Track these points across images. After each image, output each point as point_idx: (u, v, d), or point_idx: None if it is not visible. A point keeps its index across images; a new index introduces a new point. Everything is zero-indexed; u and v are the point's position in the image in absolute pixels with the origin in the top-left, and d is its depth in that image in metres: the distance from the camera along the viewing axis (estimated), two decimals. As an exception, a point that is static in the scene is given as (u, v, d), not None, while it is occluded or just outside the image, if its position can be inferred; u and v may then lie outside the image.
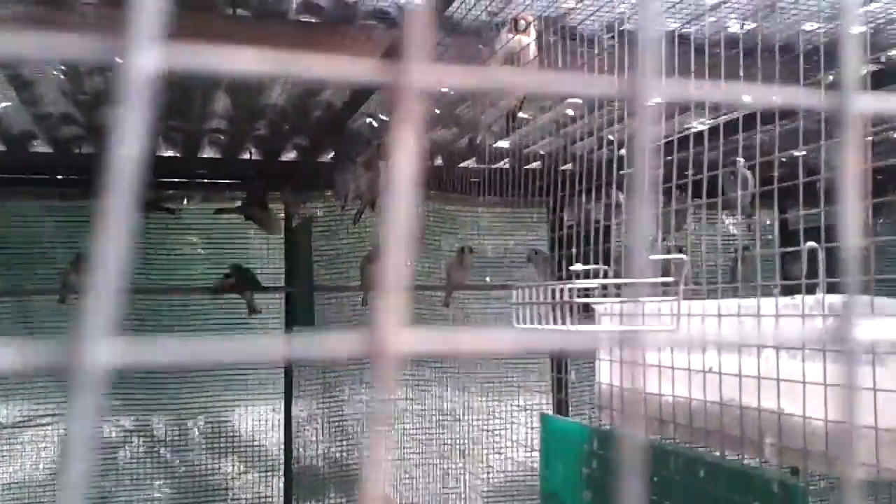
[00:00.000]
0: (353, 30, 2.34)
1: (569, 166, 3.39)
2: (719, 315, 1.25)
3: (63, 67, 2.70)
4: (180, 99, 3.02)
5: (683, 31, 2.51)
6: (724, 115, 3.34)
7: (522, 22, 1.80)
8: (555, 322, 1.24)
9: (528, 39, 1.82)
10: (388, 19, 2.32)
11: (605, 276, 1.48)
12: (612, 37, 2.43)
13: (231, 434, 4.29)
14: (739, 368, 1.17)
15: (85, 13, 2.23)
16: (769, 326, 1.20)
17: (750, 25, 2.58)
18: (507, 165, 3.60)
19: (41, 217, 3.91)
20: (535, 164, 3.80)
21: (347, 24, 2.34)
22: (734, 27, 2.64)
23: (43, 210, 3.91)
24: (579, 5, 2.23)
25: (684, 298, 1.22)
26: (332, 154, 3.58)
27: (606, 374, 1.54)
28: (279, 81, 2.89)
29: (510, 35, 1.78)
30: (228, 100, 3.09)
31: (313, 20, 2.34)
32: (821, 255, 1.21)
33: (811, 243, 1.19)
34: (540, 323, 1.28)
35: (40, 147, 3.66)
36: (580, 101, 3.06)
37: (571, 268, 1.37)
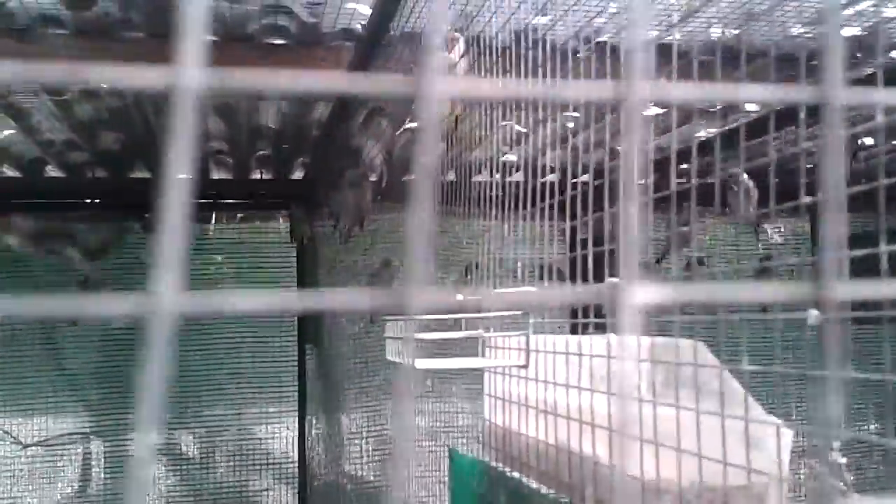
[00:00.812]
0: (320, 50, 2.34)
1: (583, 178, 3.33)
2: (555, 352, 1.17)
3: (53, 96, 2.74)
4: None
5: (666, 39, 2.44)
6: (720, 125, 3.26)
7: (450, 41, 1.76)
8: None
9: (455, 57, 1.78)
10: (354, 37, 2.30)
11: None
12: (589, 48, 2.38)
13: (250, 451, 4.31)
14: (567, 410, 1.09)
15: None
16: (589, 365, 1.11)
17: (732, 31, 2.51)
18: (520, 178, 3.55)
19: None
20: (551, 177, 3.74)
21: (313, 44, 2.34)
22: (716, 33, 2.55)
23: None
24: (545, 18, 2.18)
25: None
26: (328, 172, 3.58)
27: (488, 410, 1.47)
28: (268, 101, 2.90)
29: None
30: (221, 122, 3.10)
31: (279, 42, 2.34)
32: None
33: (612, 279, 1.11)
34: (401, 357, 1.23)
35: (54, 172, 3.74)
36: (578, 113, 3.01)
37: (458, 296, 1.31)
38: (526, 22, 2.29)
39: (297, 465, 4.11)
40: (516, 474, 1.22)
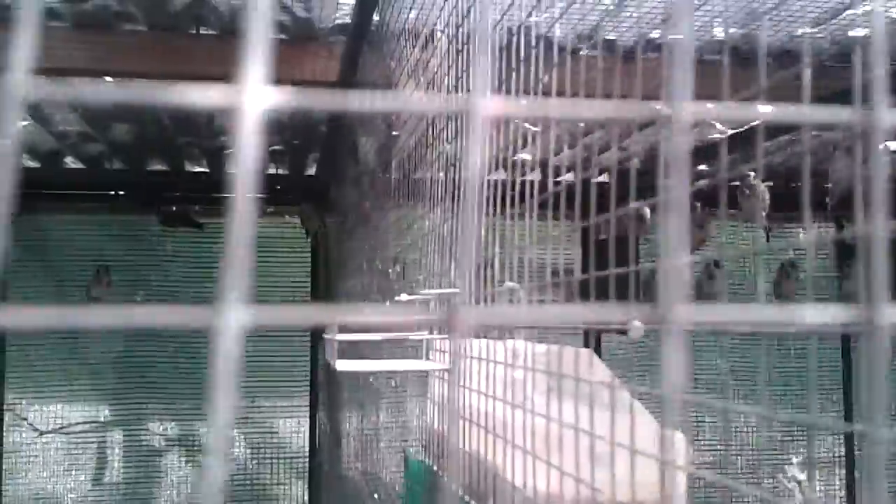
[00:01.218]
0: (315, 45, 2.34)
1: (602, 178, 3.30)
2: (469, 357, 1.12)
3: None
4: (184, 116, 3.07)
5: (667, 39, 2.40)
6: (742, 126, 3.18)
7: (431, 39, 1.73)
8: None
9: (438, 57, 1.75)
10: (348, 31, 2.30)
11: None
12: (594, 45, 2.35)
13: (264, 443, 4.34)
14: (478, 417, 1.04)
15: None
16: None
17: (734, 30, 2.45)
18: (536, 177, 3.53)
19: (73, 231, 4.04)
20: (567, 176, 3.71)
21: (309, 38, 2.34)
22: (719, 33, 2.51)
23: (74, 224, 4.04)
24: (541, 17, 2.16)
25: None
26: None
27: (430, 414, 1.44)
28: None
29: (413, 49, 1.72)
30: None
31: (276, 36, 2.34)
32: (521, 294, 1.07)
33: (514, 286, 1.06)
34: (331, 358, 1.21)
35: (72, 164, 3.79)
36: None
37: (397, 298, 1.29)
38: (524, 19, 2.27)
39: (307, 458, 4.13)
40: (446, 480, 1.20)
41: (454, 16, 1.53)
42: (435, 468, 1.28)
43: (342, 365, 1.19)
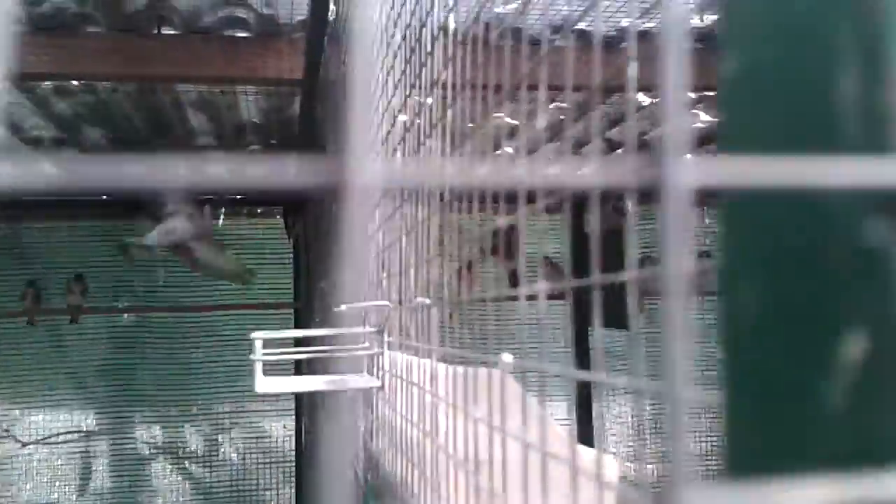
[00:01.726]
0: (279, 42, 2.29)
1: (585, 171, 3.24)
2: (397, 376, 1.04)
3: (27, 92, 2.73)
4: (155, 118, 3.02)
5: (644, 27, 2.36)
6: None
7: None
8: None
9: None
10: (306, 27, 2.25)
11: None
12: (564, 37, 2.30)
13: (251, 447, 4.30)
14: (402, 439, 0.97)
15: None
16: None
17: (710, 17, 2.41)
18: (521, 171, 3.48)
19: (53, 238, 4.00)
20: (551, 170, 3.65)
21: (273, 36, 2.29)
22: (694, 20, 2.46)
23: (54, 231, 4.00)
24: (510, 7, 2.11)
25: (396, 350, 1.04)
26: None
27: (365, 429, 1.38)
28: (247, 96, 2.86)
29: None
30: (203, 116, 3.07)
31: (239, 34, 2.30)
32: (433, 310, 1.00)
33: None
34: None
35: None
36: (566, 105, 2.94)
37: (335, 308, 1.23)
38: (493, 9, 2.22)
39: (294, 462, 4.09)
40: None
41: (406, 8, 1.48)
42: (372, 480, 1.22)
43: (262, 385, 1.12)
